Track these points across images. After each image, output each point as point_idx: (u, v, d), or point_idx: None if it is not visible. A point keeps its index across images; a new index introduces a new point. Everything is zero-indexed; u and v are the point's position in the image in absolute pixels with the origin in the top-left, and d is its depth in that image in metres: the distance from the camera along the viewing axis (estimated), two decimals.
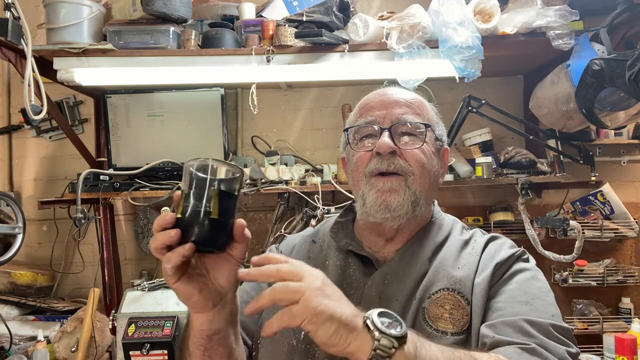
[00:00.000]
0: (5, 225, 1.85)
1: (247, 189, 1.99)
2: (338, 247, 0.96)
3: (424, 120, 0.93)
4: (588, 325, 2.12)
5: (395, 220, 0.88)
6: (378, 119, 0.92)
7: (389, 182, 0.88)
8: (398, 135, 0.91)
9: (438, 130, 0.97)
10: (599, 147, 2.30)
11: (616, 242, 2.25)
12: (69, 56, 1.86)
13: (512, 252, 0.90)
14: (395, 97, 0.95)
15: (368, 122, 0.93)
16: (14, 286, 2.15)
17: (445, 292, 0.85)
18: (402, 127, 0.91)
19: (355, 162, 0.93)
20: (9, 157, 2.43)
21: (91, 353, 1.89)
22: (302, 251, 1.00)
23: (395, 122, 0.91)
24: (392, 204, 0.87)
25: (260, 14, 2.08)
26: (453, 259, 0.90)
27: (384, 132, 0.89)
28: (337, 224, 1.00)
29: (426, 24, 1.78)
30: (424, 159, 0.90)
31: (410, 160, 0.89)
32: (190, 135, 2.23)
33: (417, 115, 0.93)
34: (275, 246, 1.07)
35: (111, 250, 2.24)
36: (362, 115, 0.95)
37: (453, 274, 0.87)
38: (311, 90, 2.42)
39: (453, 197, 2.37)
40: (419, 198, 0.89)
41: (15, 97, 2.44)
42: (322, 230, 1.03)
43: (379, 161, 0.89)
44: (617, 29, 1.78)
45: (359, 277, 0.91)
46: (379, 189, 0.88)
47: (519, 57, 2.02)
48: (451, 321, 0.82)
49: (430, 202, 0.96)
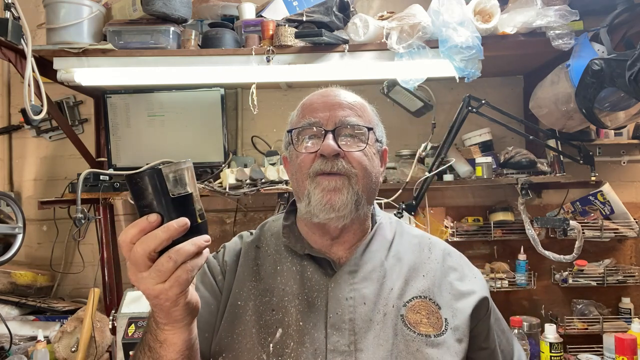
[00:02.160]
0: (5, 225, 1.85)
1: (247, 189, 1.99)
2: (290, 252, 0.96)
3: (366, 123, 0.95)
4: (588, 325, 2.12)
5: (340, 220, 0.89)
6: (322, 121, 0.92)
7: (334, 180, 0.89)
8: (341, 137, 0.92)
9: (378, 132, 0.99)
10: (599, 147, 2.30)
11: (616, 242, 2.25)
12: (69, 56, 1.86)
13: (485, 286, 1.00)
14: (338, 99, 0.96)
15: (312, 124, 0.93)
16: (14, 286, 2.15)
17: (419, 300, 0.90)
18: (346, 129, 0.92)
19: (299, 163, 0.93)
20: (9, 157, 2.43)
21: (91, 353, 1.89)
22: (249, 257, 0.98)
23: (339, 125, 0.92)
24: (336, 204, 0.88)
25: (260, 14, 2.08)
26: (414, 266, 0.95)
27: (327, 135, 0.90)
28: (285, 227, 1.00)
29: (426, 24, 1.78)
30: (366, 161, 0.92)
31: (354, 162, 0.90)
32: (190, 135, 2.23)
33: (359, 117, 0.94)
34: (212, 256, 1.02)
35: (111, 250, 2.24)
36: (305, 116, 0.95)
37: (420, 283, 0.92)
38: (311, 90, 2.36)
39: (453, 197, 2.37)
40: (361, 198, 0.90)
41: (15, 97, 2.44)
42: (264, 235, 1.02)
43: (322, 163, 0.90)
44: (617, 29, 1.78)
45: (319, 280, 0.91)
46: (324, 188, 0.89)
47: (519, 57, 2.02)
48: (430, 324, 0.87)
49: (372, 202, 0.97)
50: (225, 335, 0.88)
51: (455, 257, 1.01)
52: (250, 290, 0.92)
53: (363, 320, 0.85)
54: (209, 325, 0.90)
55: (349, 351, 0.83)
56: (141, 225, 0.63)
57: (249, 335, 0.86)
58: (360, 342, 0.83)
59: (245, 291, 0.92)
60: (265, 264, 0.96)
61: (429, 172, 1.91)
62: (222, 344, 0.88)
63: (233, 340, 0.87)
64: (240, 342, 0.86)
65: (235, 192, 1.98)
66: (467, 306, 0.92)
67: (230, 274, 0.96)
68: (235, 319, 0.89)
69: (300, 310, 0.87)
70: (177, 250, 0.64)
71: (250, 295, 0.91)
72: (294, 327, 0.85)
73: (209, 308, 0.92)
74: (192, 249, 0.64)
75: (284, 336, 0.85)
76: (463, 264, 1.00)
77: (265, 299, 0.90)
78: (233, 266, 0.98)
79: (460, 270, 0.98)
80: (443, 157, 1.93)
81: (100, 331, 1.94)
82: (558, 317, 2.16)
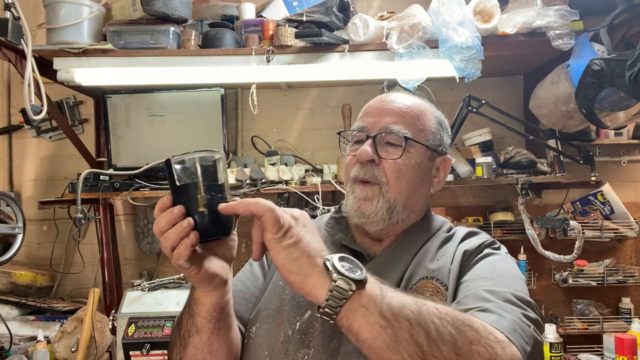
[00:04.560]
0: (5, 225, 1.85)
1: (247, 189, 1.99)
2: (332, 242, 0.99)
3: (414, 130, 0.95)
4: (588, 325, 2.12)
5: (372, 225, 0.93)
6: (369, 126, 0.95)
7: (365, 190, 0.93)
8: (383, 144, 0.94)
9: (433, 140, 0.98)
10: (599, 147, 2.30)
11: (616, 242, 2.25)
12: (69, 56, 1.86)
13: (482, 240, 0.96)
14: (391, 105, 0.97)
15: (359, 128, 0.97)
16: (14, 286, 2.15)
17: (424, 280, 0.89)
18: (387, 136, 0.94)
19: (345, 166, 0.99)
20: (9, 157, 2.43)
21: (91, 353, 1.89)
22: None
23: (381, 131, 0.94)
24: (365, 211, 0.92)
25: (260, 14, 2.08)
26: (433, 252, 0.94)
27: (367, 140, 0.94)
28: (332, 219, 1.04)
29: (426, 24, 1.78)
30: (401, 169, 0.93)
31: (387, 171, 0.93)
32: (190, 135, 2.23)
33: (406, 125, 0.95)
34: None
35: (111, 250, 2.23)
36: (360, 119, 0.99)
37: (431, 265, 0.92)
38: (311, 90, 2.42)
39: (453, 197, 2.37)
40: (394, 205, 0.93)
41: (15, 97, 2.44)
42: (318, 225, 1.06)
43: (358, 168, 0.94)
44: (617, 29, 1.78)
45: None
46: (356, 196, 0.94)
47: (519, 57, 2.02)
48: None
49: (415, 208, 0.98)
50: (262, 308, 0.94)
51: (473, 240, 0.96)
52: None
53: None
54: (253, 297, 0.98)
55: None
56: (158, 205, 0.73)
57: (281, 312, 0.92)
58: None
59: None
60: None
61: None
62: (258, 315, 0.94)
63: (268, 314, 0.93)
64: (273, 317, 0.92)
65: (235, 192, 1.98)
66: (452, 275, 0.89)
67: None
68: (273, 296, 0.95)
69: None
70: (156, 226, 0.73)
71: None
72: None
73: (256, 282, 1.01)
74: (161, 224, 0.71)
75: (311, 317, 0.89)
76: (468, 240, 0.96)
77: None
78: None
79: (462, 247, 0.94)
80: None
81: (100, 331, 1.94)
82: (558, 317, 2.16)
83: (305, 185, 2.04)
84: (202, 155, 0.74)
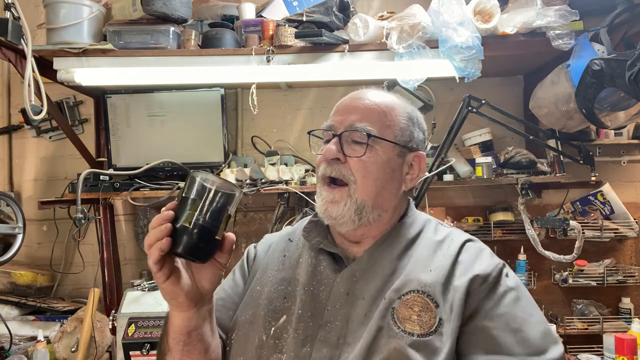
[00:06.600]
0: (5, 225, 1.85)
1: (247, 189, 1.99)
2: (310, 246, 0.99)
3: (380, 127, 0.92)
4: (588, 325, 2.12)
5: (342, 226, 0.92)
6: (336, 124, 0.94)
7: (332, 193, 0.92)
8: (349, 142, 0.92)
9: (401, 136, 0.94)
10: (599, 147, 2.30)
11: (616, 242, 2.25)
12: (69, 56, 1.86)
13: (495, 266, 0.89)
14: (358, 103, 0.95)
15: (327, 127, 0.96)
16: (14, 286, 2.15)
17: (415, 294, 0.85)
18: (353, 134, 0.92)
19: (316, 165, 0.98)
20: (9, 157, 2.43)
21: (91, 353, 1.89)
22: (278, 249, 1.04)
23: (347, 129, 0.92)
24: (332, 214, 0.91)
25: (260, 14, 2.08)
26: (425, 261, 0.90)
27: (333, 139, 0.93)
28: (311, 222, 1.01)
29: (426, 24, 1.78)
30: (367, 167, 0.91)
31: (353, 169, 0.91)
32: (190, 135, 2.23)
33: (372, 122, 0.92)
34: (253, 245, 1.11)
35: (111, 250, 2.24)
36: (330, 118, 0.98)
37: (423, 277, 0.87)
38: (311, 90, 2.42)
39: (453, 197, 2.37)
40: (362, 206, 0.91)
41: (15, 97, 2.44)
42: (299, 228, 1.06)
43: (325, 166, 0.93)
44: (617, 29, 1.78)
45: (329, 274, 0.93)
46: (323, 198, 0.93)
47: (519, 57, 2.02)
48: (419, 323, 0.82)
49: (386, 207, 0.94)
50: (240, 314, 0.96)
51: (470, 251, 0.91)
52: (269, 277, 0.98)
53: (358, 315, 0.86)
54: (234, 304, 1.00)
55: (338, 344, 0.85)
56: (167, 205, 0.80)
57: (257, 317, 0.92)
58: (350, 336, 0.85)
59: (265, 278, 0.98)
60: (291, 255, 1.01)
61: (429, 172, 1.91)
62: (236, 322, 0.95)
63: (245, 320, 0.94)
64: (249, 323, 0.93)
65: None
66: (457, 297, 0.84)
67: (259, 262, 1.05)
68: (251, 302, 0.96)
69: (304, 300, 0.91)
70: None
71: (268, 282, 0.97)
72: (295, 315, 0.89)
73: (237, 289, 1.02)
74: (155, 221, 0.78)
75: (286, 322, 0.90)
76: (475, 257, 0.90)
77: (281, 287, 0.95)
78: (262, 255, 1.06)
79: (465, 263, 0.88)
80: (443, 157, 1.93)
81: (100, 331, 1.94)
82: (558, 317, 2.16)
83: (305, 185, 2.04)
84: (221, 183, 0.77)
